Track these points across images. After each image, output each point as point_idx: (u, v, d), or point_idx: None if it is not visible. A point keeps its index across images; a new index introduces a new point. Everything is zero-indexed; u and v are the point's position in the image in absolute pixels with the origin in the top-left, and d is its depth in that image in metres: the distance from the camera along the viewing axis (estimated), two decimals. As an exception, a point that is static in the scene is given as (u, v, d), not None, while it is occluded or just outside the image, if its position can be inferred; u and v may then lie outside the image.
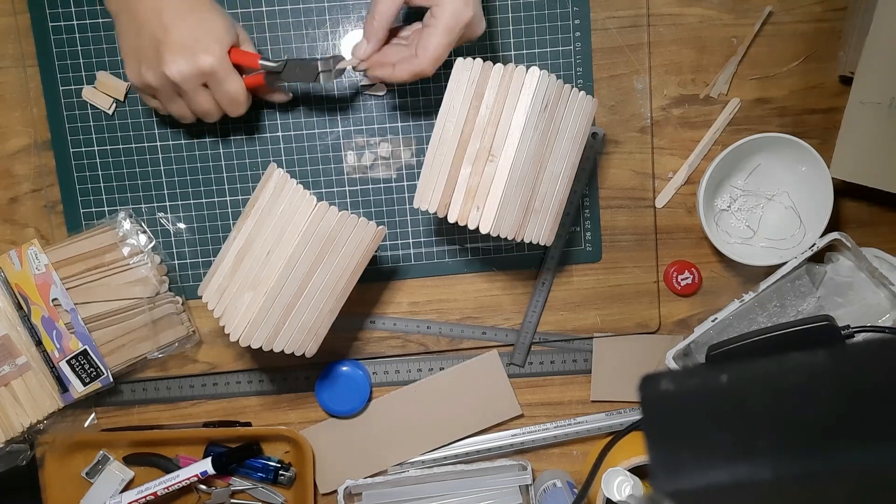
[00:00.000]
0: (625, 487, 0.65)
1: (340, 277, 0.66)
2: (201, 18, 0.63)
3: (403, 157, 0.76)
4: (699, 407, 0.34)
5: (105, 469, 0.77)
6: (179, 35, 0.62)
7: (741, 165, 0.75)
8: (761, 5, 0.76)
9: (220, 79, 0.64)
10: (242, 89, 0.66)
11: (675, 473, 0.33)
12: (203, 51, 0.62)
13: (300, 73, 0.67)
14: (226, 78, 0.64)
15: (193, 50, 0.62)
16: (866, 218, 0.79)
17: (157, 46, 0.62)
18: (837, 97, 0.77)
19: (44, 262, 0.71)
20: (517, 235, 0.64)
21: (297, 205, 0.63)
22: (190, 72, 0.63)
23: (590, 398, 0.79)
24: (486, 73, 0.62)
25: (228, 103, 0.66)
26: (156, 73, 0.64)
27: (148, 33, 0.63)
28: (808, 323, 0.63)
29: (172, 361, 0.77)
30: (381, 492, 0.76)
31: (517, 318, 0.78)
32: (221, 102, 0.66)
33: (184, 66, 0.62)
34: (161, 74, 0.63)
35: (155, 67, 0.63)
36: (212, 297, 0.67)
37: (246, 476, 0.78)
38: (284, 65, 0.67)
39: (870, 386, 0.32)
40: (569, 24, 0.75)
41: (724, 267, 0.79)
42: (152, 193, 0.75)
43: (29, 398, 0.72)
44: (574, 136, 0.65)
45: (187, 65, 0.62)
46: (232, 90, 0.65)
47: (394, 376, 0.79)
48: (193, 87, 0.64)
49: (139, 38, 0.63)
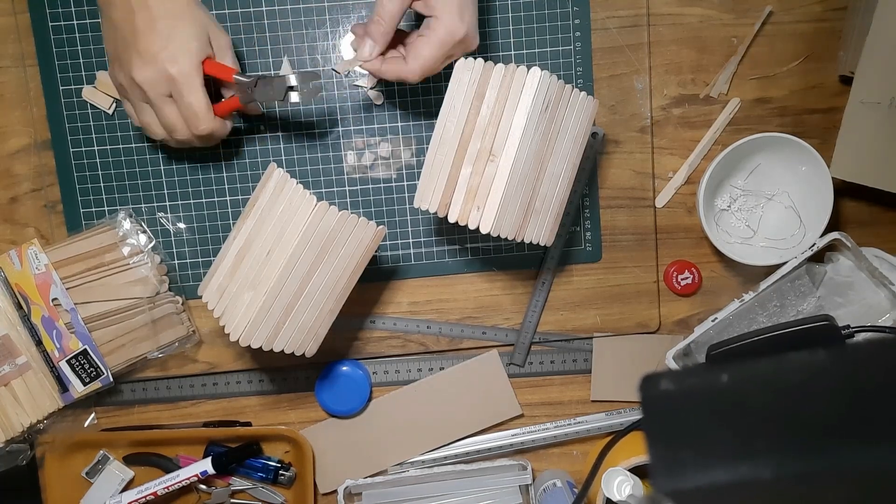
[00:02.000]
0: (625, 487, 0.65)
1: (340, 277, 0.66)
2: (173, 27, 0.62)
3: (403, 157, 0.76)
4: (699, 407, 0.34)
5: (105, 469, 0.77)
6: (147, 41, 0.62)
7: (741, 165, 0.75)
8: (761, 5, 0.76)
9: (180, 91, 0.63)
10: (204, 104, 0.64)
11: (675, 473, 0.33)
12: (168, 59, 0.62)
13: (269, 91, 0.66)
14: (188, 90, 0.63)
15: (159, 57, 0.62)
16: (866, 218, 0.79)
17: (128, 48, 0.63)
18: (837, 97, 0.77)
19: (44, 262, 0.71)
20: (517, 235, 0.64)
21: (297, 205, 0.63)
22: (153, 78, 0.63)
23: (590, 398, 0.79)
24: (487, 73, 0.62)
25: (189, 117, 0.65)
26: (125, 76, 0.64)
27: (121, 35, 0.63)
28: (808, 323, 0.63)
29: (172, 361, 0.77)
30: (381, 492, 0.76)
31: (517, 317, 0.78)
32: (184, 118, 0.65)
33: (147, 72, 0.62)
34: (129, 78, 0.63)
35: (126, 70, 0.63)
36: (212, 296, 0.67)
37: (246, 476, 0.78)
38: (256, 81, 0.66)
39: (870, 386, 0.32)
40: (569, 24, 0.75)
41: (724, 267, 0.79)
42: (152, 193, 0.75)
43: (29, 398, 0.72)
44: (574, 137, 0.65)
45: (151, 71, 0.62)
46: (193, 103, 0.64)
47: (394, 376, 0.79)
48: (157, 95, 0.64)
49: (115, 38, 0.64)
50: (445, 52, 0.64)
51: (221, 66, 0.66)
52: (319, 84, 0.67)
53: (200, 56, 0.64)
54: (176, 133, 0.66)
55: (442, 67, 0.66)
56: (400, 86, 0.75)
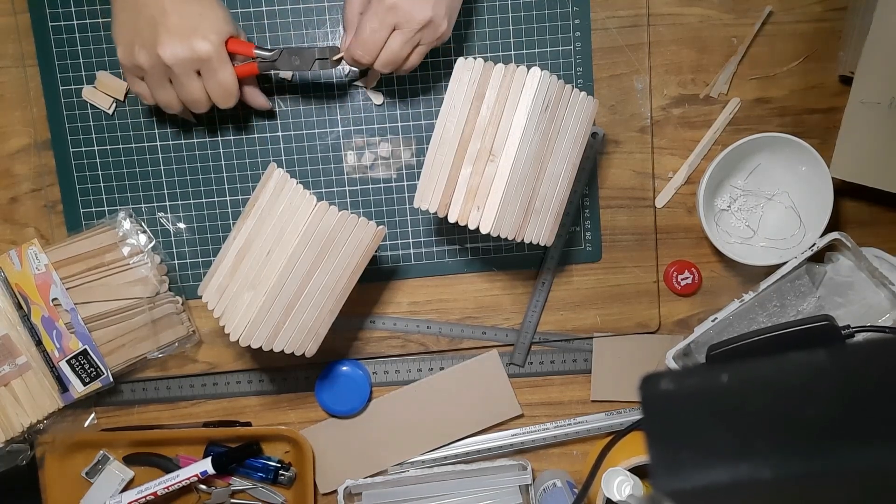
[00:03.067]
0: (625, 487, 0.65)
1: (340, 277, 0.66)
2: (203, 6, 0.63)
3: (403, 157, 0.76)
4: (699, 407, 0.34)
5: (105, 469, 0.77)
6: (179, 19, 0.62)
7: (741, 165, 0.75)
8: (761, 5, 0.76)
9: (214, 67, 0.64)
10: (234, 81, 0.66)
11: (675, 473, 0.33)
12: (201, 37, 0.63)
13: (297, 61, 0.67)
14: (220, 67, 0.64)
15: (191, 36, 0.62)
16: (866, 218, 0.79)
17: (155, 27, 0.62)
18: (837, 97, 0.77)
19: (44, 262, 0.71)
20: (517, 235, 0.64)
21: (297, 205, 0.63)
22: (185, 56, 0.63)
23: (590, 398, 0.79)
24: (486, 73, 0.62)
25: (220, 93, 0.66)
26: (149, 54, 0.63)
27: (147, 14, 0.63)
28: (808, 323, 0.63)
29: (172, 361, 0.77)
30: (381, 492, 0.76)
31: (517, 317, 0.78)
32: (213, 93, 0.66)
33: (179, 49, 0.62)
34: (154, 56, 0.63)
35: (149, 48, 0.63)
36: (212, 296, 0.67)
37: (246, 476, 0.78)
38: (280, 53, 0.67)
39: (870, 386, 0.32)
40: (569, 24, 0.75)
41: (724, 267, 0.79)
42: (152, 193, 0.75)
43: (29, 398, 0.72)
44: (574, 137, 0.65)
45: (183, 49, 0.62)
46: (225, 80, 0.65)
47: (394, 376, 0.79)
48: (185, 71, 0.64)
49: (137, 18, 0.63)
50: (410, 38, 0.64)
51: (242, 42, 0.67)
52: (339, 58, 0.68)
53: (228, 34, 0.65)
54: (198, 107, 0.67)
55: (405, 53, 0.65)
56: (400, 86, 0.75)
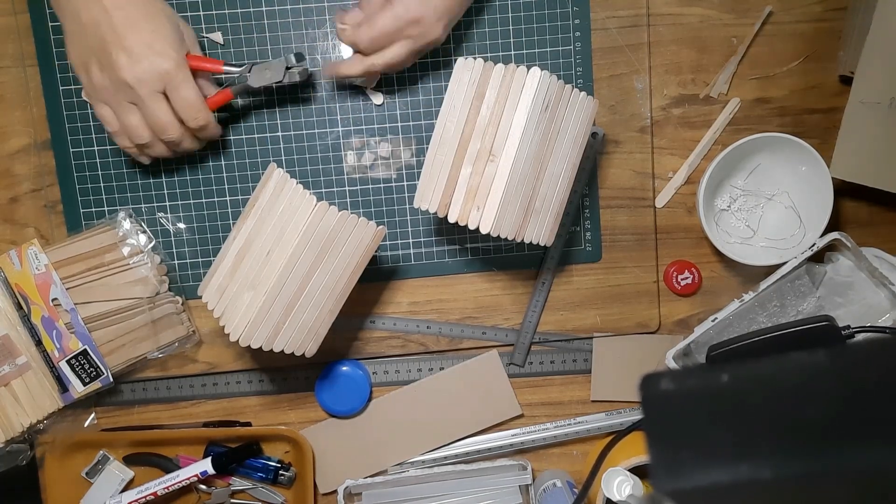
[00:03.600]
0: (625, 487, 0.65)
1: (340, 277, 0.66)
2: (155, 21, 0.62)
3: (403, 157, 0.76)
4: (699, 407, 0.34)
5: (105, 469, 0.77)
6: (135, 38, 0.61)
7: (741, 165, 0.75)
8: (761, 5, 0.76)
9: (176, 84, 0.63)
10: (198, 96, 0.65)
11: (675, 473, 0.33)
12: (160, 53, 0.61)
13: (267, 73, 0.68)
14: (183, 83, 0.63)
15: (150, 52, 0.61)
16: (866, 218, 0.79)
17: (108, 49, 0.61)
18: (837, 97, 0.77)
19: (44, 262, 0.71)
20: (517, 235, 0.64)
21: (297, 205, 0.63)
22: (146, 74, 0.61)
23: (590, 398, 0.79)
24: (486, 73, 0.62)
25: (188, 110, 0.64)
26: (109, 77, 0.62)
27: (97, 37, 0.61)
28: (808, 323, 0.63)
29: (172, 361, 0.77)
30: (381, 492, 0.76)
31: (517, 317, 0.78)
32: (180, 111, 0.64)
33: (139, 69, 0.61)
34: (115, 78, 0.62)
35: (109, 70, 0.62)
36: (212, 296, 0.67)
37: (246, 476, 0.78)
38: (250, 68, 0.67)
39: (870, 386, 0.32)
40: (569, 24, 0.75)
41: (724, 267, 0.79)
42: (152, 193, 0.75)
43: (29, 398, 0.72)
44: (574, 137, 0.65)
45: (142, 67, 0.61)
46: (189, 95, 0.64)
47: (394, 376, 0.79)
48: (150, 92, 0.62)
49: (85, 44, 0.62)
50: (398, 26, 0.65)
51: (207, 59, 0.66)
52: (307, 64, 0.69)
53: (185, 48, 0.64)
54: (166, 132, 0.65)
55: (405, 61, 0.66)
56: (400, 86, 0.75)
